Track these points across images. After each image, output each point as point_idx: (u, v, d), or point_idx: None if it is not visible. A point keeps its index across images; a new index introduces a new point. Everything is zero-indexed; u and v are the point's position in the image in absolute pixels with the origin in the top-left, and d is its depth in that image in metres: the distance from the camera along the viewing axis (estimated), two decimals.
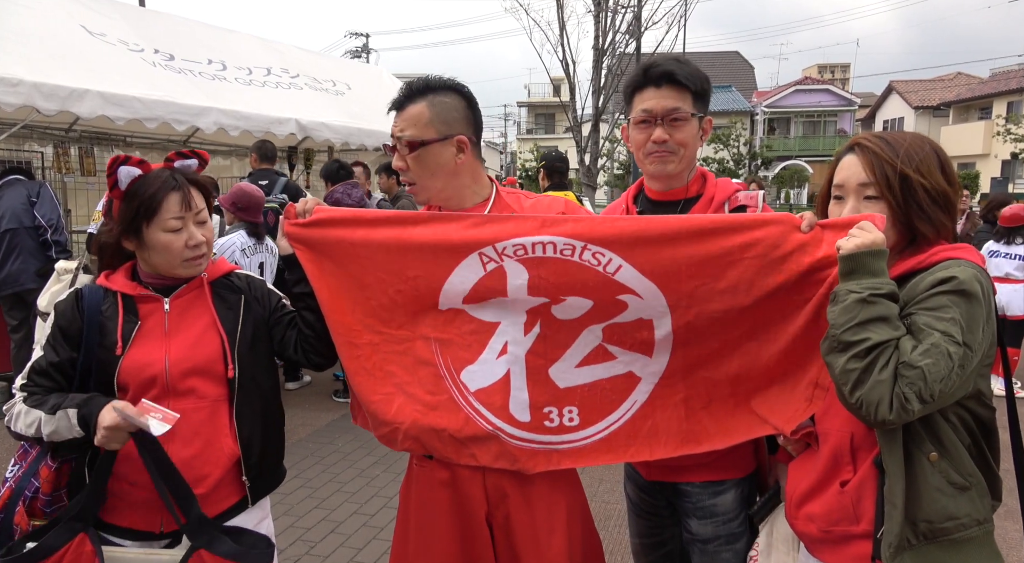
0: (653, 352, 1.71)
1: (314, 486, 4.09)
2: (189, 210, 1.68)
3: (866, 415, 1.30)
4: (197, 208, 1.70)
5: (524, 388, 1.71)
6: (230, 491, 1.73)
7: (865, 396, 1.29)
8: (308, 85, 7.98)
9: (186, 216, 1.67)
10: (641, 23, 15.05)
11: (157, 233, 1.66)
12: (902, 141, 1.47)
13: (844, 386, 1.32)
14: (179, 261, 1.68)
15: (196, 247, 1.68)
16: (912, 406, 1.26)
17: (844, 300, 1.34)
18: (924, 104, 36.25)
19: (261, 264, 4.92)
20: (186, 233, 1.67)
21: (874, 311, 1.31)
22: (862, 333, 1.31)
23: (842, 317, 1.33)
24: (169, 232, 1.66)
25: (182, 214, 1.67)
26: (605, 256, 1.62)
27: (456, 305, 1.73)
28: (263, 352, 1.79)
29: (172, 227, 1.66)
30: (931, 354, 1.26)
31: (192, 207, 1.69)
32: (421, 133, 1.70)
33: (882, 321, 1.31)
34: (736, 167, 29.13)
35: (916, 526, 1.35)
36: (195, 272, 1.73)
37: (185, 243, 1.67)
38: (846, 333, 1.32)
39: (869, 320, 1.31)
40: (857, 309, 1.32)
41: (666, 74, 1.76)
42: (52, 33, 5.78)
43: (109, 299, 1.70)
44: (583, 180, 15.20)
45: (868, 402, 1.28)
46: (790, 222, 1.56)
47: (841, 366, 1.32)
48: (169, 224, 1.65)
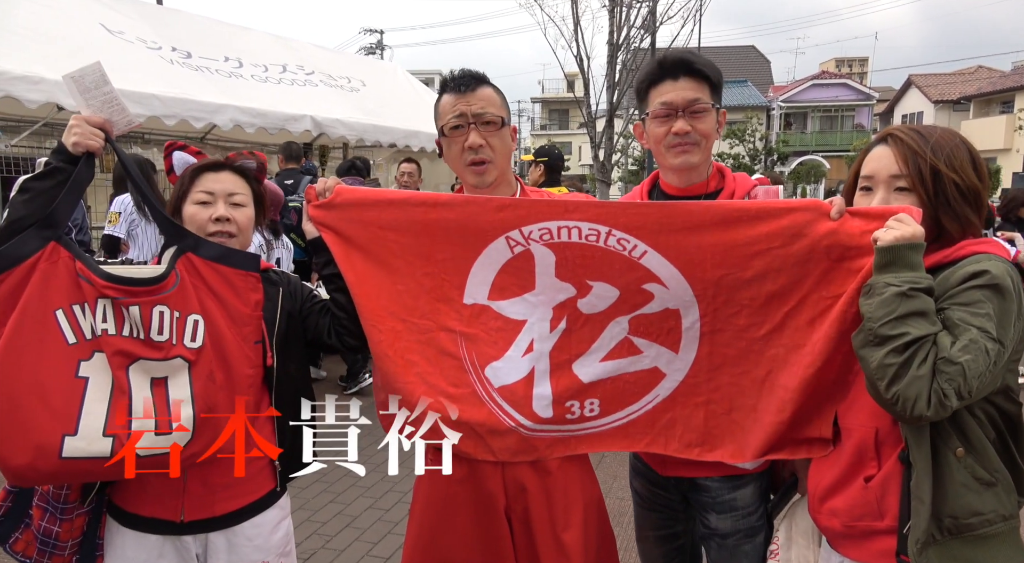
0: (680, 346, 1.70)
1: (330, 480, 4.12)
2: (222, 189, 1.71)
3: (901, 411, 1.28)
4: (231, 191, 1.73)
5: (547, 384, 1.72)
6: (258, 483, 1.74)
7: (902, 391, 1.27)
8: (323, 82, 8.02)
9: (216, 192, 1.71)
10: (656, 18, 14.96)
11: (188, 206, 1.70)
12: (934, 134, 1.45)
13: (880, 381, 1.30)
14: (204, 234, 1.70)
15: (221, 222, 1.70)
16: (950, 402, 1.25)
17: (882, 293, 1.32)
18: (944, 98, 35.70)
19: (278, 260, 4.97)
20: (213, 208, 1.70)
21: (913, 305, 1.29)
22: (901, 327, 1.29)
23: (880, 310, 1.31)
24: (197, 204, 1.70)
25: (211, 190, 1.70)
26: (630, 242, 1.62)
27: (481, 300, 1.74)
28: (297, 344, 1.82)
29: (200, 199, 1.70)
30: (970, 350, 1.25)
31: (227, 188, 1.72)
32: (500, 112, 1.76)
33: (921, 316, 1.30)
34: (752, 162, 28.90)
35: (941, 521, 1.34)
36: None
37: (210, 216, 1.69)
38: (884, 327, 1.30)
39: (908, 314, 1.29)
40: (896, 303, 1.30)
41: (683, 64, 1.76)
42: (72, 31, 5.85)
43: None
44: (597, 176, 15.15)
45: (905, 398, 1.26)
46: (818, 209, 1.53)
47: (878, 360, 1.30)
48: (198, 197, 1.70)
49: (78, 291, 1.48)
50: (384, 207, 1.74)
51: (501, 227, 1.68)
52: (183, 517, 1.65)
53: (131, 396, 1.47)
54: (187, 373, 1.52)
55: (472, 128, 1.72)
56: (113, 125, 1.59)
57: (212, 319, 1.57)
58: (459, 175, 1.84)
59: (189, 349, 1.52)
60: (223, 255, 1.64)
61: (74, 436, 1.42)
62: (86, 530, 1.70)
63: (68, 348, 1.46)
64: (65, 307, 1.47)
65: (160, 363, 1.50)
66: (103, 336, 1.48)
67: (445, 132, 1.77)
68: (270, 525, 1.77)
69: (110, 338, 1.48)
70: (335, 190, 1.75)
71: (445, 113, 1.76)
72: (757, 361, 1.65)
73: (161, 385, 1.51)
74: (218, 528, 1.69)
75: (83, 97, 1.55)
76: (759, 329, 1.63)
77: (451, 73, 1.79)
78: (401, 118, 8.32)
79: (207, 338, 1.55)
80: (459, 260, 1.72)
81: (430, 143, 8.26)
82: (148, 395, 1.49)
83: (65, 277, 1.48)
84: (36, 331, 1.45)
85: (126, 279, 1.50)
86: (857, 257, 1.47)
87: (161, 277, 1.53)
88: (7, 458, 1.41)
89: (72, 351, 1.46)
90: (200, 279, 1.60)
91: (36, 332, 1.45)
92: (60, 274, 1.48)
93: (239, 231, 1.73)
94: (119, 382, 1.48)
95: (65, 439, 1.41)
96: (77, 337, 1.47)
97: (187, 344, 1.53)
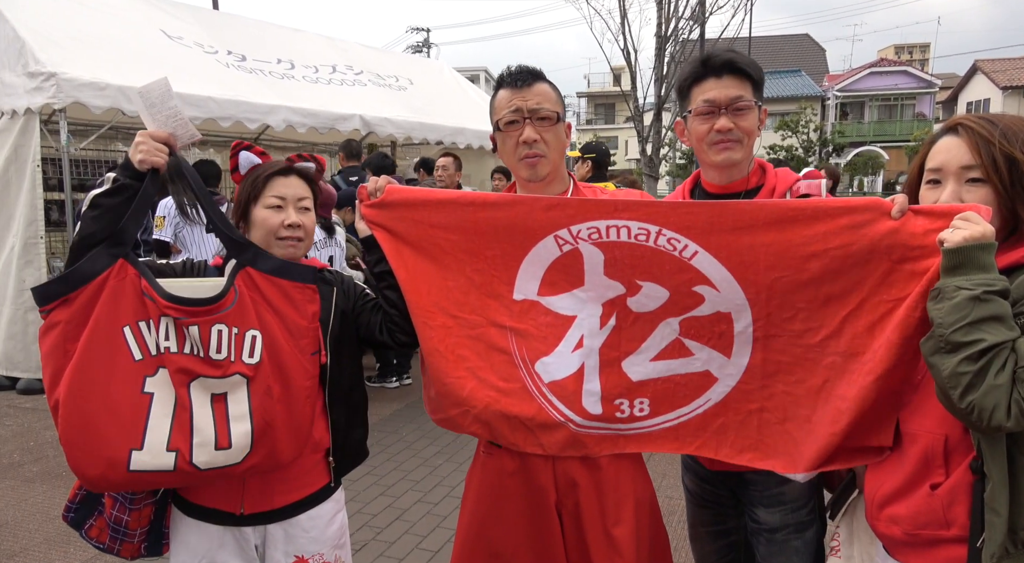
0: (732, 351, 1.67)
1: (380, 474, 4.20)
2: (292, 194, 1.76)
3: (977, 421, 1.22)
4: (300, 195, 1.77)
5: (597, 381, 1.72)
6: (314, 477, 1.78)
7: (979, 402, 1.20)
8: (372, 81, 8.15)
9: (287, 197, 1.75)
10: (706, 8, 14.66)
11: (260, 210, 1.74)
12: (1003, 120, 1.38)
13: (953, 390, 1.23)
14: (274, 238, 1.74)
15: (292, 228, 1.74)
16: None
17: (953, 297, 1.25)
18: (1013, 84, 33.89)
19: (331, 257, 5.07)
20: (285, 213, 1.74)
21: (988, 309, 1.23)
22: (975, 333, 1.22)
23: (952, 316, 1.24)
24: (269, 209, 1.74)
25: (283, 195, 1.75)
26: (680, 242, 1.60)
27: (531, 297, 1.75)
28: (350, 342, 1.85)
29: (272, 204, 1.74)
30: None
31: (297, 193, 1.76)
32: (556, 108, 1.77)
33: (996, 320, 1.23)
34: (806, 154, 28.06)
35: (1016, 534, 1.28)
36: (290, 254, 1.77)
37: (282, 222, 1.73)
38: (956, 333, 1.24)
39: (982, 319, 1.22)
40: (969, 307, 1.23)
41: (727, 63, 1.76)
42: (134, 38, 6.10)
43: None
44: (645, 170, 14.95)
45: (982, 408, 1.20)
46: (879, 207, 1.46)
47: (951, 369, 1.23)
48: (270, 202, 1.74)
49: (143, 308, 1.53)
50: (434, 207, 1.76)
51: (550, 226, 1.68)
52: (243, 510, 1.71)
53: (192, 412, 1.52)
54: (246, 388, 1.56)
55: (527, 123, 1.74)
56: (177, 139, 1.63)
57: (270, 333, 1.60)
58: (512, 169, 1.85)
59: (247, 365, 1.56)
60: (281, 268, 1.67)
61: (140, 450, 1.48)
62: (153, 519, 1.77)
63: (135, 364, 1.52)
64: (132, 324, 1.52)
65: (220, 380, 1.55)
66: (166, 353, 1.53)
67: (500, 127, 1.78)
68: (326, 518, 1.81)
69: (172, 356, 1.53)
70: (386, 190, 1.78)
71: (501, 108, 1.78)
72: (812, 369, 1.59)
73: (221, 401, 1.55)
74: (276, 520, 1.74)
75: (149, 111, 1.59)
76: (815, 335, 1.57)
77: (507, 69, 1.81)
78: (448, 115, 8.39)
79: (264, 353, 1.58)
80: (508, 257, 1.73)
81: (476, 140, 8.30)
82: (209, 411, 1.53)
83: (132, 294, 1.53)
84: (106, 348, 1.50)
85: (186, 300, 1.54)
86: (921, 258, 1.40)
87: (220, 296, 1.56)
88: (82, 469, 1.49)
89: (139, 367, 1.52)
90: (259, 293, 1.63)
91: (106, 348, 1.50)
92: (127, 291, 1.53)
93: (306, 235, 1.78)
94: (181, 398, 1.52)
95: (132, 453, 1.48)
96: (143, 353, 1.53)
97: (245, 360, 1.56)
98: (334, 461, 1.80)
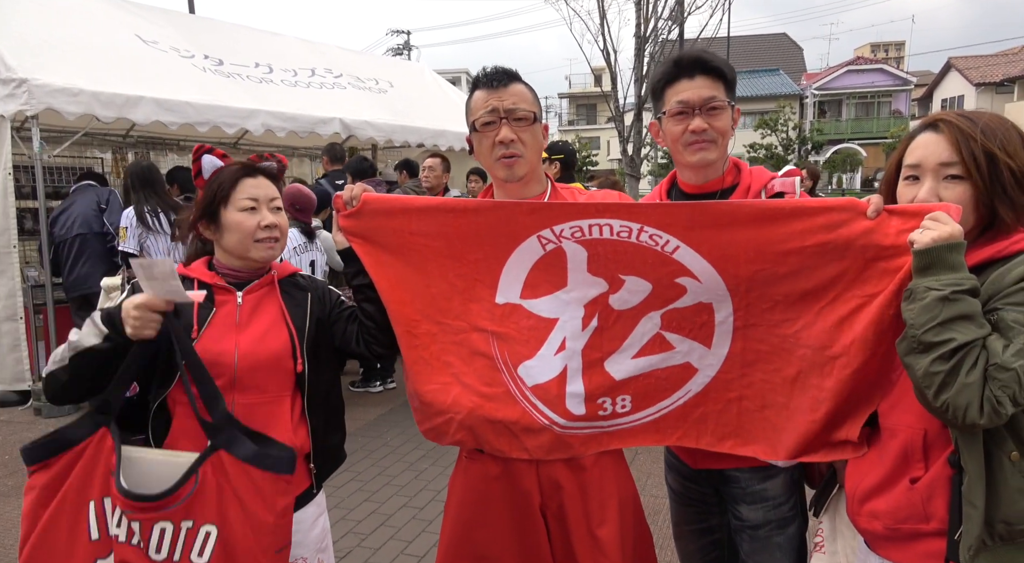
0: (712, 341, 1.69)
1: (364, 479, 4.17)
2: (264, 195, 1.74)
3: (952, 419, 1.24)
4: (271, 195, 1.76)
5: (580, 382, 1.72)
6: (296, 481, 1.73)
7: (952, 400, 1.22)
8: (351, 84, 8.10)
9: (260, 198, 1.73)
10: (684, 8, 14.76)
11: (233, 213, 1.72)
12: (982, 118, 1.39)
13: (928, 389, 1.25)
14: (252, 241, 1.72)
15: (269, 228, 1.73)
16: (1005, 410, 1.20)
17: (923, 298, 1.27)
18: (986, 80, 34.48)
19: (312, 262, 5.04)
20: (260, 215, 1.72)
21: (957, 309, 1.24)
22: (945, 333, 1.24)
23: (923, 316, 1.26)
24: (243, 211, 1.72)
25: (256, 196, 1.73)
26: (663, 237, 1.61)
27: (514, 300, 1.74)
28: (326, 349, 1.83)
29: (246, 206, 1.72)
30: (1023, 355, 1.19)
31: (268, 194, 1.75)
32: (532, 108, 1.76)
33: (966, 319, 1.24)
34: (785, 152, 28.35)
35: (993, 527, 1.29)
36: (267, 255, 1.75)
37: (258, 223, 1.72)
38: (928, 333, 1.25)
39: (952, 319, 1.24)
40: (939, 307, 1.24)
41: (699, 63, 1.76)
42: (109, 43, 6.01)
43: (187, 285, 1.73)
44: (626, 170, 15.02)
45: (956, 406, 1.22)
46: (855, 208, 1.49)
47: (924, 368, 1.25)
48: (243, 204, 1.72)
49: (109, 485, 1.49)
50: (413, 214, 1.74)
51: (533, 227, 1.68)
52: None
53: None
54: None
55: (504, 123, 1.73)
56: (173, 305, 1.58)
57: (229, 529, 1.48)
58: (489, 170, 1.83)
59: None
60: (256, 456, 1.53)
61: None
62: None
63: (91, 543, 1.49)
64: (97, 500, 1.50)
65: None
66: (115, 540, 1.48)
67: (476, 127, 1.77)
68: (308, 522, 1.79)
69: (119, 545, 1.47)
70: (362, 198, 1.76)
71: (477, 109, 1.76)
72: (788, 359, 1.63)
73: None
74: None
75: (148, 282, 1.54)
76: (792, 325, 1.61)
77: (483, 70, 1.80)
78: (429, 118, 8.36)
79: (217, 552, 1.47)
80: (491, 260, 1.72)
81: (458, 142, 8.28)
82: None
83: (103, 467, 1.51)
84: (70, 520, 1.49)
85: (132, 494, 1.44)
86: (894, 257, 1.43)
87: (173, 489, 1.46)
88: None
89: (93, 547, 1.49)
90: (227, 480, 1.50)
91: (70, 521, 1.49)
92: (101, 463, 1.51)
93: (282, 234, 1.77)
94: None
95: None
96: (100, 533, 1.49)
97: (193, 559, 1.46)
98: (315, 467, 1.78)
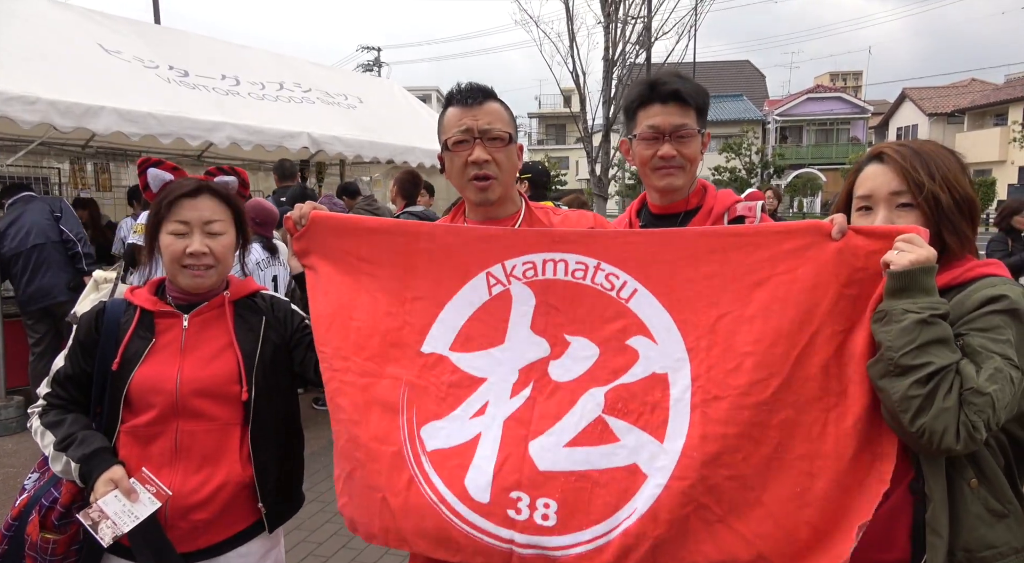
0: (666, 431, 1.40)
1: (326, 500, 4.07)
2: (197, 218, 1.65)
3: (927, 444, 1.23)
4: (208, 219, 1.66)
5: (492, 458, 1.44)
6: (241, 515, 1.70)
7: (929, 425, 1.21)
8: (320, 99, 8.04)
9: (191, 222, 1.64)
10: (651, 34, 15.06)
11: (164, 236, 1.66)
12: (925, 148, 1.43)
13: (904, 414, 1.23)
14: (178, 266, 1.64)
15: (195, 256, 1.64)
16: (980, 434, 1.20)
17: (901, 320, 1.25)
18: (938, 111, 35.96)
19: (275, 277, 4.94)
20: (188, 240, 1.64)
21: (934, 332, 1.24)
22: (923, 356, 1.23)
23: (901, 339, 1.24)
24: (172, 235, 1.64)
25: (187, 220, 1.64)
26: (619, 278, 1.51)
27: (442, 350, 1.57)
28: (282, 375, 1.76)
29: (176, 230, 1.64)
30: (996, 379, 1.21)
31: (203, 217, 1.66)
32: (508, 128, 1.72)
33: (942, 343, 1.24)
34: (748, 176, 29.01)
35: (954, 555, 1.29)
36: (193, 284, 1.67)
37: (184, 249, 1.63)
38: (905, 356, 1.24)
39: (929, 342, 1.23)
40: (917, 330, 1.23)
41: (673, 92, 1.77)
42: (69, 51, 5.86)
43: (129, 313, 1.68)
44: (594, 190, 15.17)
45: (932, 431, 1.21)
46: (819, 230, 1.41)
47: (902, 392, 1.24)
48: (173, 227, 1.64)
49: None
50: (363, 235, 1.67)
51: (485, 260, 1.57)
52: None
53: None
54: None
55: (477, 143, 1.67)
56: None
57: None
58: (460, 191, 1.78)
59: None
60: None
61: None
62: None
63: None
64: None
65: None
66: None
67: (449, 146, 1.71)
68: (256, 555, 1.73)
69: None
70: (310, 217, 1.70)
71: (450, 127, 1.71)
72: (760, 437, 1.35)
73: None
74: (202, 559, 1.65)
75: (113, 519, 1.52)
76: (766, 387, 1.36)
77: (457, 85, 1.74)
78: (398, 134, 8.34)
79: None
80: (430, 301, 1.59)
81: (427, 159, 8.27)
82: None
83: None
84: None
85: None
86: (865, 281, 1.36)
87: None
88: None
89: None
90: None
91: None
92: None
93: (216, 261, 1.67)
94: None
95: None
96: None
97: None
98: (264, 507, 1.70)
